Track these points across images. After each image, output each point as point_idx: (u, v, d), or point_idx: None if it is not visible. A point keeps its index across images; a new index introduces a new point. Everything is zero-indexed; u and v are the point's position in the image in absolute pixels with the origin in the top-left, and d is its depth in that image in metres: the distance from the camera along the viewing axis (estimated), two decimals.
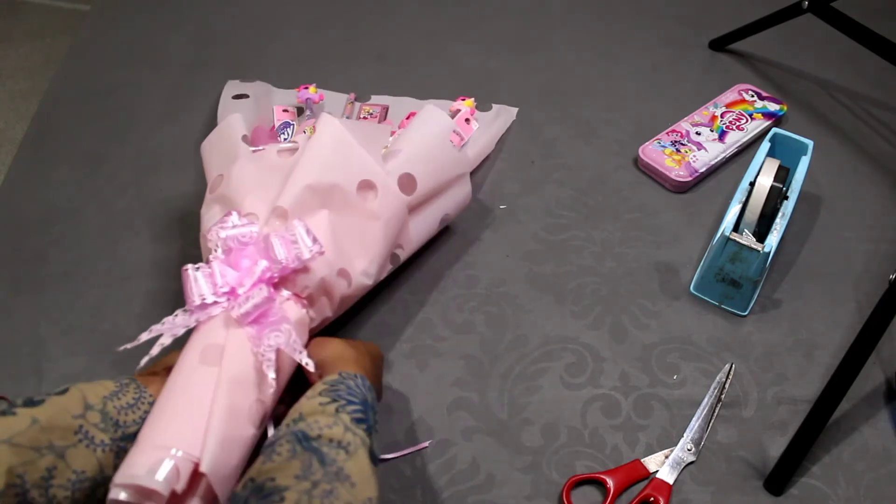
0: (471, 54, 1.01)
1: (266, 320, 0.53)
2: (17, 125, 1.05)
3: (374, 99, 0.94)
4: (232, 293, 0.54)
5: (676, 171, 0.83)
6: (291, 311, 0.57)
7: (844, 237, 0.79)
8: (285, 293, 0.57)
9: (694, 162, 0.84)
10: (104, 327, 0.71)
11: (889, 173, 0.87)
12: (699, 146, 0.86)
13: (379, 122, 0.90)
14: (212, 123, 0.84)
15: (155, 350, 0.53)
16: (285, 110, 0.90)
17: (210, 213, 0.63)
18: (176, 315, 0.55)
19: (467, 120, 0.88)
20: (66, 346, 0.69)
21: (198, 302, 0.53)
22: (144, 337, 0.54)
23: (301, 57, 1.00)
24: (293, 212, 0.59)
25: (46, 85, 0.98)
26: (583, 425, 0.64)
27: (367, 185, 0.63)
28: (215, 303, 0.54)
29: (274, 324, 0.53)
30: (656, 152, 0.85)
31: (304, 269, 0.57)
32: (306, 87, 0.90)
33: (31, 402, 0.45)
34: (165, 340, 0.53)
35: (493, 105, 0.93)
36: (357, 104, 0.93)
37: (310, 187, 0.60)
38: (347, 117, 0.90)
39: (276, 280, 0.56)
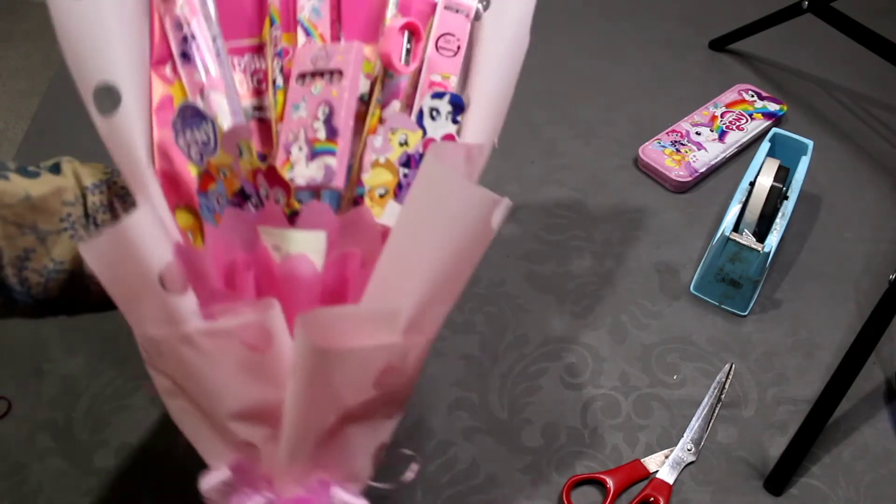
0: None
1: None
2: (17, 125, 1.05)
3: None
4: None
5: (676, 171, 0.83)
6: None
7: (844, 237, 0.80)
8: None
9: (694, 162, 0.84)
10: (104, 327, 0.71)
11: (889, 173, 0.87)
12: (699, 146, 0.86)
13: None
14: None
15: None
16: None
17: (184, 418, 0.41)
18: None
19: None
20: (66, 346, 0.69)
21: None
22: None
23: None
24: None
25: (46, 85, 0.98)
26: (583, 425, 0.64)
27: (388, 372, 0.39)
28: None
29: None
30: (656, 152, 0.85)
31: None
32: None
33: (25, 171, 0.42)
34: None
35: None
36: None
37: (327, 432, 0.39)
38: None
39: None
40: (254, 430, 0.38)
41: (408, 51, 0.47)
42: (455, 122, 0.46)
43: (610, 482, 0.60)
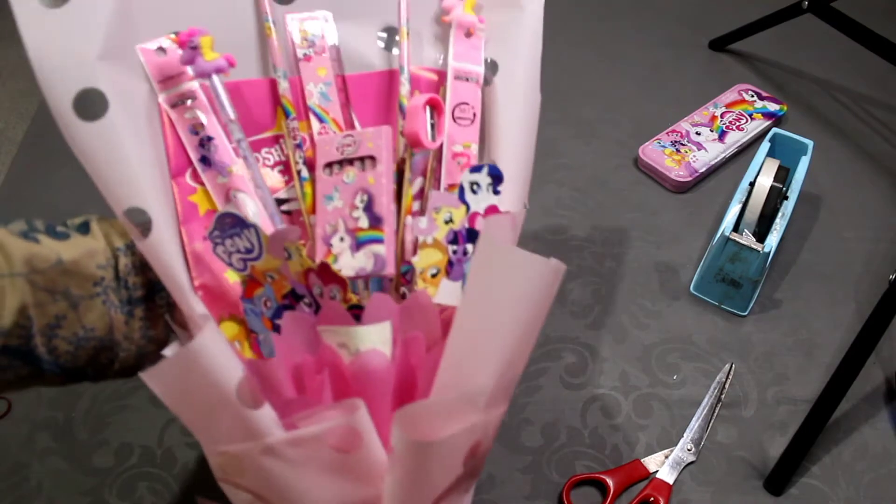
0: None
1: None
2: (18, 125, 1.05)
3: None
4: None
5: (676, 171, 0.83)
6: None
7: (844, 237, 0.80)
8: None
9: (694, 162, 0.84)
10: None
11: (889, 173, 0.87)
12: (699, 146, 0.86)
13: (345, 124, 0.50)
14: None
15: None
16: (161, 48, 0.43)
17: None
18: None
19: (469, 34, 0.49)
20: None
21: None
22: None
23: None
24: None
25: None
26: (583, 425, 0.64)
27: (475, 448, 0.39)
28: None
29: None
30: (656, 152, 0.85)
31: None
32: (195, 35, 0.42)
33: (54, 232, 0.39)
34: None
35: None
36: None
37: None
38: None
39: None
40: None
41: (432, 126, 0.47)
42: (496, 192, 0.46)
43: (610, 482, 0.60)
